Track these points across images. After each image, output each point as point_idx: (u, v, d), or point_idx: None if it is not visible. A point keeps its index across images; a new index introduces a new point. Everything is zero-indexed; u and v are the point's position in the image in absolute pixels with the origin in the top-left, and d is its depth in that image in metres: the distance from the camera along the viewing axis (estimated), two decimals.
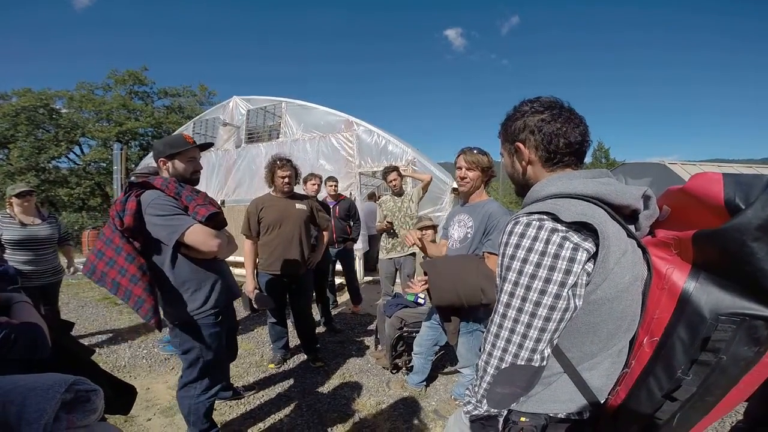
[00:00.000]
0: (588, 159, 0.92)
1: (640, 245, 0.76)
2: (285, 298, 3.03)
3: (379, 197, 5.62)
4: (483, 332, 2.35)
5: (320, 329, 3.96)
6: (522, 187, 0.95)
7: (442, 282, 1.89)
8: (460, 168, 2.07)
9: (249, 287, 2.79)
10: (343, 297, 5.29)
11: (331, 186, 4.36)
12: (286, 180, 2.83)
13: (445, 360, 3.17)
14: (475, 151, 2.04)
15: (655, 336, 0.74)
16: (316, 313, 4.06)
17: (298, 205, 2.92)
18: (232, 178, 7.93)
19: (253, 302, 2.76)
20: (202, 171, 1.92)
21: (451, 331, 2.11)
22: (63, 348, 1.18)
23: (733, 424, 1.34)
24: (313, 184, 3.92)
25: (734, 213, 0.65)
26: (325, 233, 3.19)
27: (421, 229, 3.09)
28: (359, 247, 6.15)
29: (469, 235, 2.07)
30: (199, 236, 1.60)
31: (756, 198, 0.63)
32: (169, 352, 3.35)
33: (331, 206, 4.24)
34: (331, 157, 6.70)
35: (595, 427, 0.84)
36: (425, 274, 2.02)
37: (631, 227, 0.78)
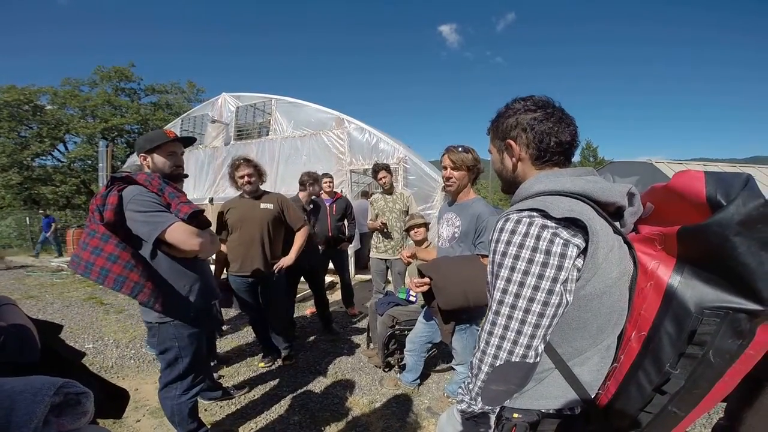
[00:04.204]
0: (576, 158, 0.93)
1: (626, 241, 0.78)
2: (257, 300, 2.96)
3: (371, 195, 5.62)
4: (477, 329, 2.34)
5: (316, 326, 3.95)
6: (509, 184, 0.96)
7: (449, 285, 1.85)
8: (446, 168, 2.06)
9: None
10: (334, 296, 5.28)
11: (327, 182, 4.17)
12: (246, 179, 2.76)
13: (437, 358, 3.18)
14: (459, 150, 2.03)
15: (643, 330, 0.75)
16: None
17: (263, 205, 2.83)
18: (221, 175, 7.84)
19: None
20: (191, 169, 1.88)
21: (447, 331, 2.11)
22: (52, 352, 1.15)
23: (715, 422, 1.39)
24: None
25: (716, 209, 0.67)
26: (299, 233, 2.96)
27: (413, 226, 3.09)
28: (351, 245, 6.14)
29: (456, 234, 2.08)
30: (181, 234, 1.57)
31: (736, 194, 0.65)
32: (154, 352, 3.31)
33: (327, 204, 4.11)
34: (322, 155, 6.67)
35: (587, 422, 0.86)
36: (421, 275, 2.00)
37: (617, 224, 0.79)
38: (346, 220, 4.29)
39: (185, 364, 1.80)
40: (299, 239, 2.96)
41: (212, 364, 2.98)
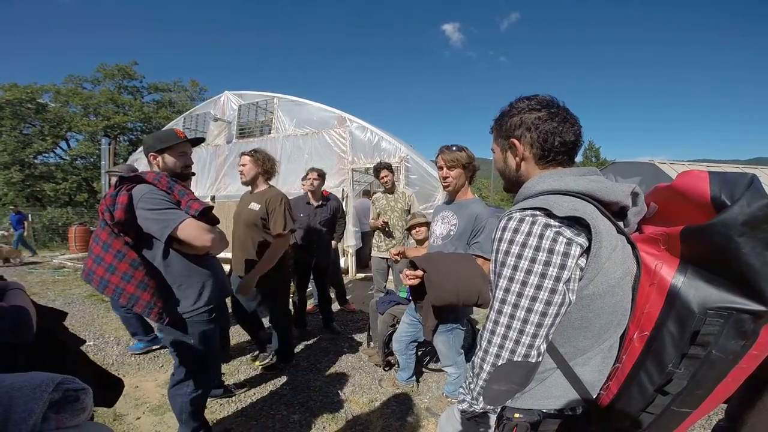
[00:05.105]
0: (578, 158, 0.93)
1: (629, 241, 0.77)
2: (251, 300, 2.92)
3: (373, 194, 5.63)
4: (462, 330, 2.32)
5: (313, 327, 3.96)
6: (512, 183, 0.96)
7: (442, 281, 1.82)
8: (441, 168, 2.06)
9: None
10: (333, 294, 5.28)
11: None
12: (240, 170, 2.74)
13: (436, 357, 3.18)
14: (453, 149, 2.03)
15: (645, 331, 0.75)
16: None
17: (252, 205, 2.69)
18: (223, 173, 7.86)
19: None
20: (192, 167, 1.89)
21: (429, 327, 2.09)
22: (51, 336, 1.17)
23: (715, 424, 1.38)
24: (314, 179, 3.62)
25: (720, 209, 0.66)
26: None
27: (414, 225, 3.08)
28: (352, 244, 6.14)
29: (452, 233, 2.07)
30: (193, 230, 1.57)
31: (741, 195, 0.65)
32: (136, 351, 3.25)
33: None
34: (324, 154, 6.68)
35: (588, 422, 0.85)
36: (413, 267, 1.97)
37: (620, 224, 0.79)
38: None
39: (199, 361, 1.80)
40: (276, 247, 2.62)
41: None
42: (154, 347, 3.34)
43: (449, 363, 2.30)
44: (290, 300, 3.26)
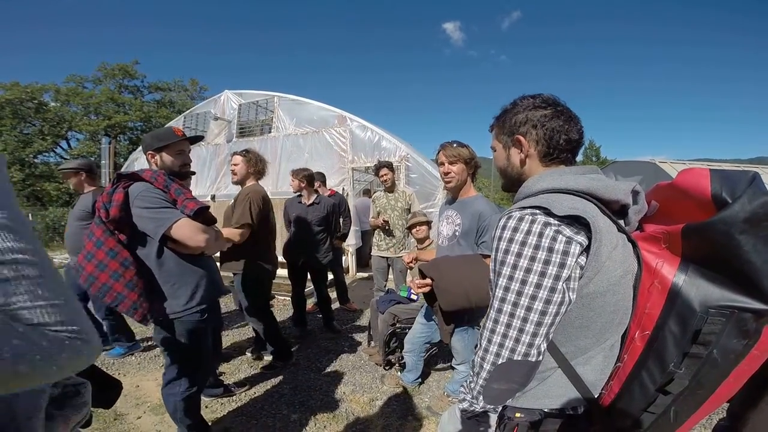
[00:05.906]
0: (579, 157, 0.93)
1: (630, 240, 0.77)
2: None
3: (373, 193, 5.62)
4: (479, 329, 2.31)
5: (313, 325, 3.96)
6: (513, 181, 0.95)
7: (450, 286, 1.82)
8: (443, 164, 2.04)
9: None
10: (333, 294, 5.28)
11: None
12: (231, 169, 2.80)
13: (437, 357, 3.18)
14: (454, 145, 2.02)
15: (647, 330, 0.75)
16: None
17: (231, 201, 2.83)
18: (223, 173, 7.85)
19: None
20: (192, 166, 1.89)
21: (446, 331, 2.09)
22: None
23: (716, 423, 1.37)
24: (291, 181, 3.62)
25: (721, 207, 0.66)
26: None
27: (414, 224, 3.08)
28: (352, 243, 6.14)
29: (456, 233, 2.06)
30: (187, 230, 1.57)
31: (742, 192, 0.64)
32: (115, 356, 3.20)
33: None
34: (324, 153, 6.66)
35: (589, 422, 0.85)
36: (422, 275, 1.97)
37: (621, 222, 0.79)
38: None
39: (191, 361, 1.79)
40: (230, 229, 2.54)
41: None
42: (134, 352, 3.30)
43: (463, 360, 2.28)
44: (280, 298, 3.23)
